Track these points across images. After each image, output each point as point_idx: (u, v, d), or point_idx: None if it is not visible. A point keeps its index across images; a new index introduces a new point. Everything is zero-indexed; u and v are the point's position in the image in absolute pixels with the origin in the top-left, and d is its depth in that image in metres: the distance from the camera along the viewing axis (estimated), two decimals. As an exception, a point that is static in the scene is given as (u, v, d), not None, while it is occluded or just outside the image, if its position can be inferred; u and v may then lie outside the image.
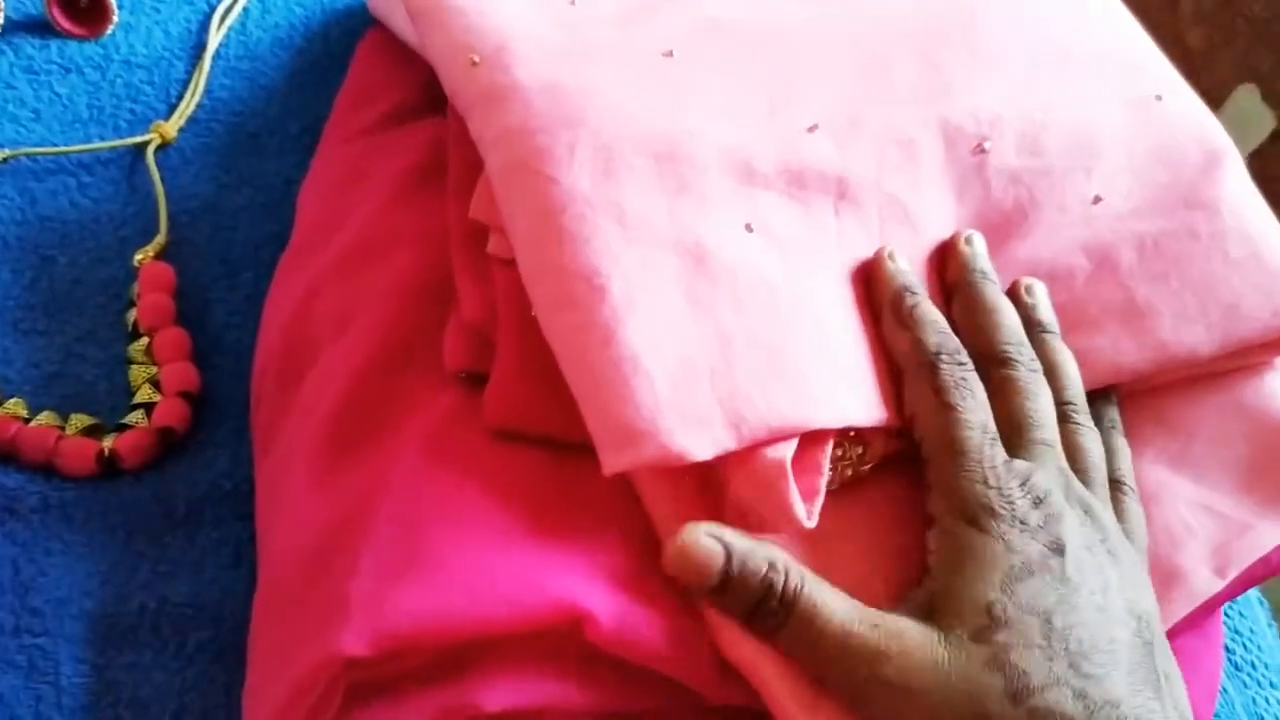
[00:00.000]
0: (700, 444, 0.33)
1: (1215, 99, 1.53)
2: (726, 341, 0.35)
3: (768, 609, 0.33)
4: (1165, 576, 0.38)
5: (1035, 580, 0.33)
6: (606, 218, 0.36)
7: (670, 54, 0.41)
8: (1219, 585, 0.39)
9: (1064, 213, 0.42)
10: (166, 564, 0.40)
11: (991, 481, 0.34)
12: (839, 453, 0.36)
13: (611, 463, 0.33)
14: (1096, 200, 0.42)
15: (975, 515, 0.34)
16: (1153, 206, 0.42)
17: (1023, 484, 0.34)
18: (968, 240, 0.40)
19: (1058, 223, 0.42)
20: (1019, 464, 0.35)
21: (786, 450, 0.34)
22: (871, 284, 0.39)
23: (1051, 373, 0.38)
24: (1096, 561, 0.34)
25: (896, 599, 0.35)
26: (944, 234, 0.41)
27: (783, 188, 0.39)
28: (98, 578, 0.40)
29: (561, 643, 0.33)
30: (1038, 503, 0.34)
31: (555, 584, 0.33)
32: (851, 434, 0.37)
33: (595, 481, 0.35)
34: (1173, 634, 0.38)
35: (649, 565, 0.35)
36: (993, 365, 0.37)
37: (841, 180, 0.40)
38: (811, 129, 0.40)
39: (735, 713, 0.35)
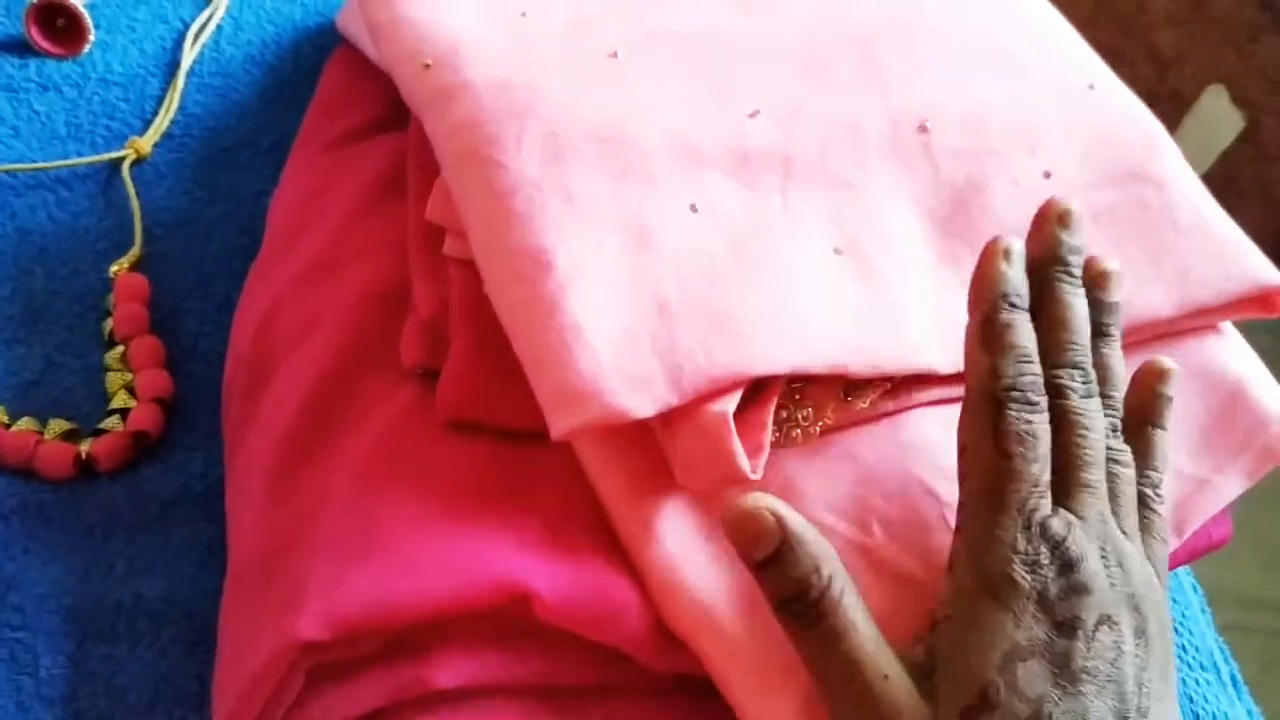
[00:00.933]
0: (642, 402, 0.34)
1: (1185, 100, 1.56)
2: (666, 309, 0.36)
3: (797, 609, 0.33)
4: None
5: (1036, 663, 0.32)
6: (554, 199, 0.38)
7: (615, 55, 0.43)
8: (1175, 544, 0.40)
9: (1017, 186, 0.43)
10: (141, 562, 0.42)
11: (1020, 546, 0.33)
12: (784, 414, 0.38)
13: (559, 424, 0.34)
14: (1047, 175, 0.44)
15: (995, 582, 0.33)
16: (1102, 181, 0.44)
17: (1055, 547, 0.33)
18: (1061, 218, 0.37)
19: (1013, 195, 0.43)
20: (1056, 525, 0.34)
21: (729, 404, 0.35)
22: (975, 282, 0.36)
23: (1102, 384, 0.37)
24: (1112, 638, 0.33)
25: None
26: (894, 210, 0.42)
27: (728, 168, 0.41)
28: (76, 575, 0.42)
29: (513, 622, 0.35)
30: (1065, 569, 0.33)
31: (499, 564, 0.34)
32: (797, 396, 0.38)
33: (542, 467, 0.37)
34: None
35: (593, 543, 0.36)
36: (1050, 391, 0.35)
37: (787, 159, 0.41)
38: (754, 114, 0.42)
39: (681, 686, 0.37)
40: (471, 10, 0.45)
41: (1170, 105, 1.58)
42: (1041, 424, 0.34)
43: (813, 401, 0.38)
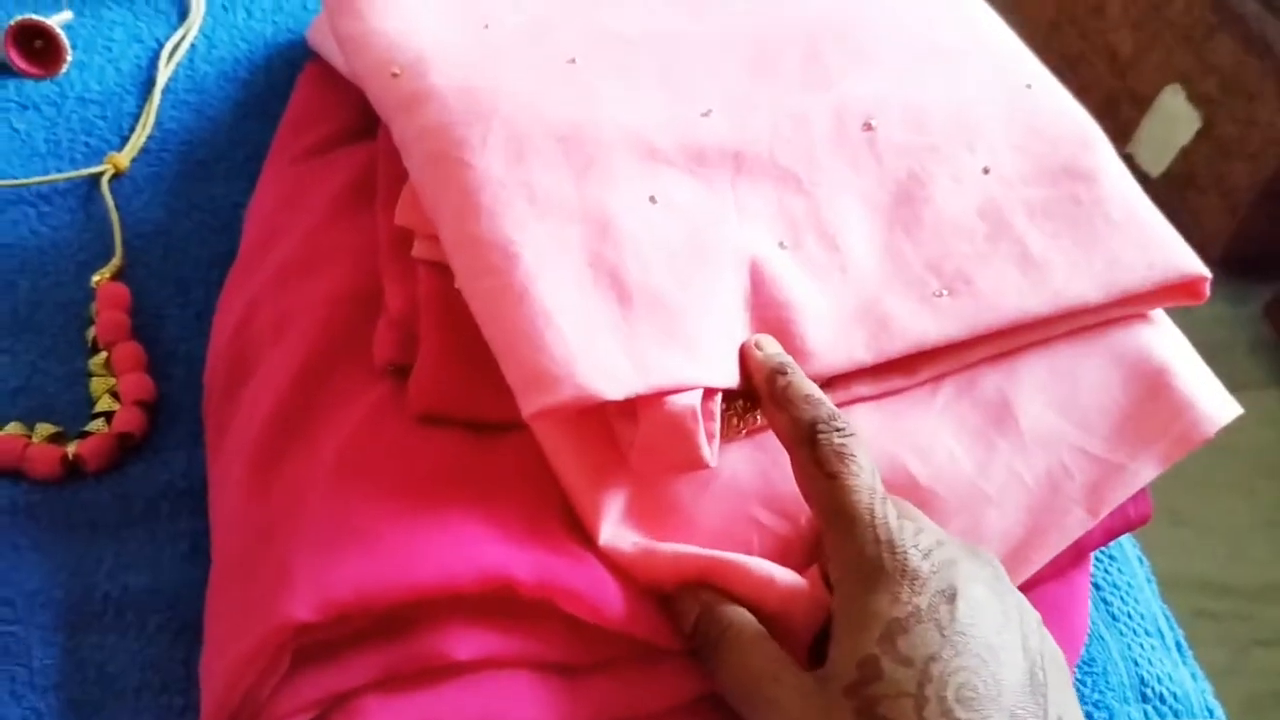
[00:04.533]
0: (611, 385, 0.36)
1: (1143, 99, 1.59)
2: (627, 301, 0.39)
3: (698, 647, 0.38)
4: (1042, 517, 0.42)
5: (919, 630, 0.34)
6: (518, 195, 0.40)
7: (573, 61, 0.46)
8: (1090, 524, 0.42)
9: (957, 182, 0.46)
10: (127, 556, 0.44)
11: (883, 536, 0.36)
12: (725, 406, 0.40)
13: (531, 404, 0.36)
14: (986, 171, 0.46)
15: (868, 575, 0.35)
16: (1037, 177, 0.46)
17: (914, 533, 0.36)
18: (758, 344, 0.40)
19: (952, 191, 0.45)
20: (907, 521, 0.37)
21: (694, 397, 0.37)
22: (746, 374, 0.40)
23: None
24: (996, 601, 0.35)
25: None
26: (841, 203, 0.44)
27: (683, 164, 0.43)
28: (65, 570, 0.43)
29: (502, 600, 0.37)
30: (928, 553, 0.36)
31: (480, 552, 0.36)
32: (739, 390, 0.40)
33: (510, 457, 0.39)
34: (1038, 580, 0.42)
35: (563, 526, 0.38)
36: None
37: (738, 155, 0.44)
38: (706, 113, 0.45)
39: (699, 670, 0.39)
40: (437, 22, 0.47)
41: (1129, 105, 1.61)
42: (856, 443, 0.37)
43: (751, 397, 0.41)
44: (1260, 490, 1.31)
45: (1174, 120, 1.53)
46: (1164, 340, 0.46)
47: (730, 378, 0.39)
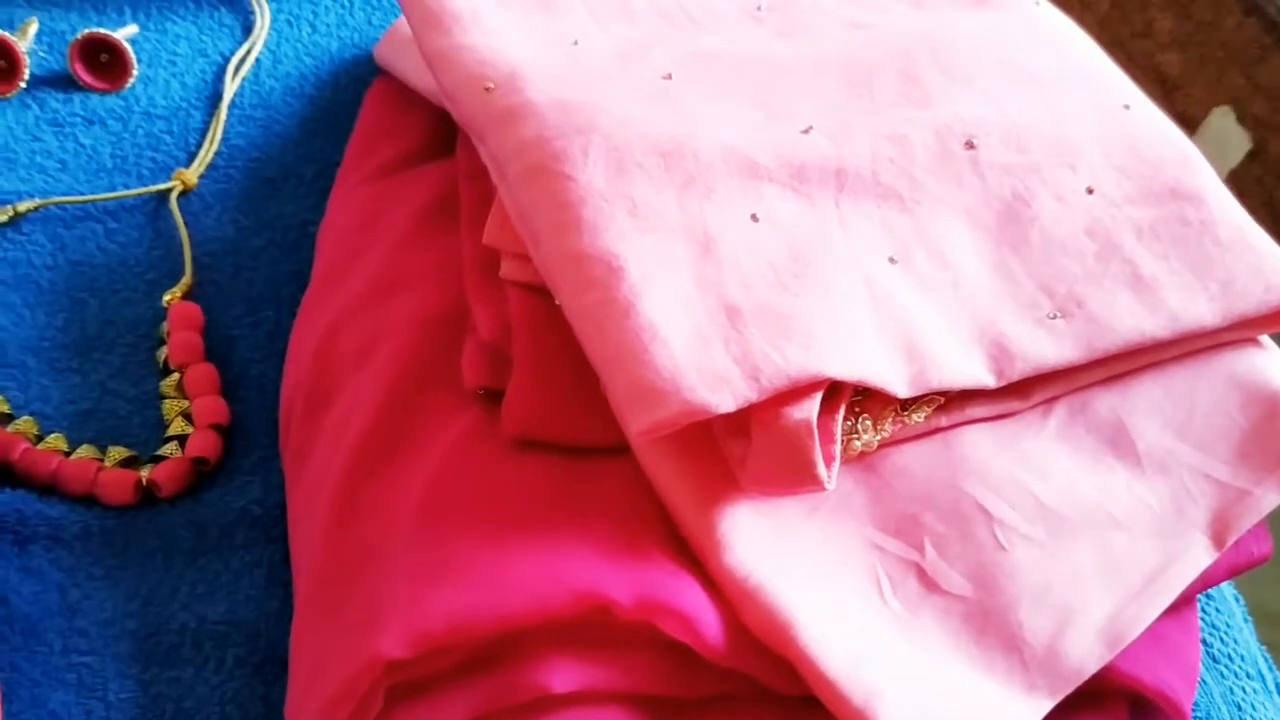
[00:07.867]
0: (722, 397, 0.35)
1: (1191, 121, 1.57)
2: (735, 313, 0.37)
3: None
4: (1172, 543, 0.40)
5: None
6: (620, 210, 0.39)
7: (669, 76, 0.45)
8: (1216, 553, 0.40)
9: (1062, 202, 0.44)
10: (204, 585, 0.43)
11: None
12: (848, 423, 0.38)
13: (637, 423, 0.35)
14: (1090, 191, 0.45)
15: None
16: (1142, 197, 0.45)
17: None
18: None
19: (1058, 211, 0.44)
20: None
21: (811, 409, 0.36)
22: None
23: None
24: None
25: None
26: (946, 221, 0.43)
27: (785, 181, 0.42)
28: (140, 599, 0.42)
29: (622, 630, 0.35)
30: None
31: (576, 575, 0.35)
32: (857, 409, 0.39)
33: (607, 481, 0.38)
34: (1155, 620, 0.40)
35: (663, 550, 0.37)
36: None
37: (840, 172, 0.43)
38: (806, 130, 0.44)
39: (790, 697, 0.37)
40: (527, 38, 0.46)
41: (1178, 126, 1.59)
42: None
43: (871, 414, 0.39)
44: (1314, 519, 1.28)
45: (1223, 142, 1.51)
46: (1276, 364, 0.44)
47: (851, 369, 0.37)
